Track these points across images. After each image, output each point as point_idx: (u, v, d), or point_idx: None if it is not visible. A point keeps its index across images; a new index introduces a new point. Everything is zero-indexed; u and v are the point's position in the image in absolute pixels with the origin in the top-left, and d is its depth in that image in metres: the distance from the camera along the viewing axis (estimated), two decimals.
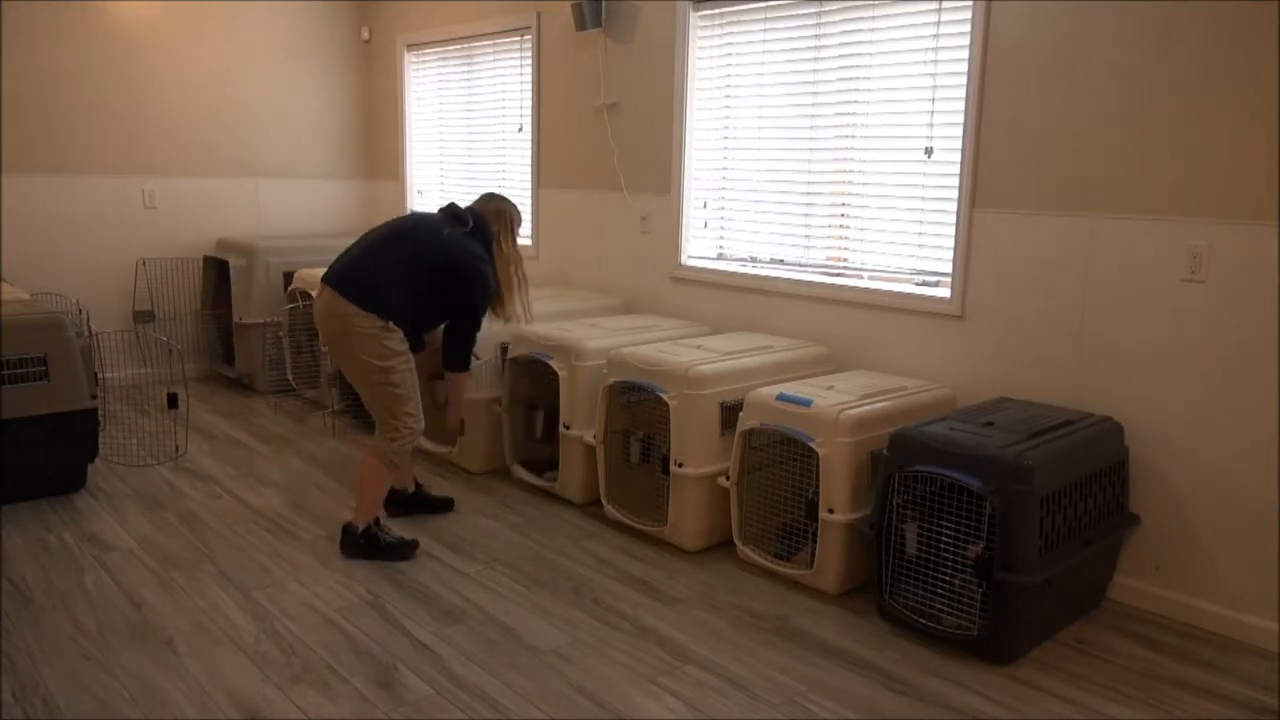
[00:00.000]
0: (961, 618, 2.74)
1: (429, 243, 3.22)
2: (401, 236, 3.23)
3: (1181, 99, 2.87)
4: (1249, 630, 2.88)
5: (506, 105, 5.44)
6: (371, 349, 3.11)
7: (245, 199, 6.07)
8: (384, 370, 3.13)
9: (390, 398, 3.18)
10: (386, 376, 3.14)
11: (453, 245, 3.22)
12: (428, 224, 3.28)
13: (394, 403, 3.19)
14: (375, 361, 3.12)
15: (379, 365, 3.13)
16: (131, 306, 5.71)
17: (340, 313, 3.11)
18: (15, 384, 3.60)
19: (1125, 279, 3.04)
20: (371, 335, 3.10)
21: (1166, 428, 3.00)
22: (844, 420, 3.01)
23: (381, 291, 3.11)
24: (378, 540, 3.29)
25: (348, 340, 3.13)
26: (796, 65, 3.92)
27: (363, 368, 3.15)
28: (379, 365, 3.13)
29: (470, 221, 3.33)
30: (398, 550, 3.30)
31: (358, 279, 3.13)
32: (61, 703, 2.40)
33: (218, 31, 5.81)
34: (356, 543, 3.29)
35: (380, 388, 3.17)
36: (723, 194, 4.33)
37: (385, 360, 3.13)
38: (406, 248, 3.20)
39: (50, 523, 3.58)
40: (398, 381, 3.16)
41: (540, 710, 2.42)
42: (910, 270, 3.65)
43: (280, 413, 5.19)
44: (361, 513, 3.29)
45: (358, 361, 3.15)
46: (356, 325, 3.10)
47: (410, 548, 3.32)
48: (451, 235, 3.24)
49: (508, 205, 3.45)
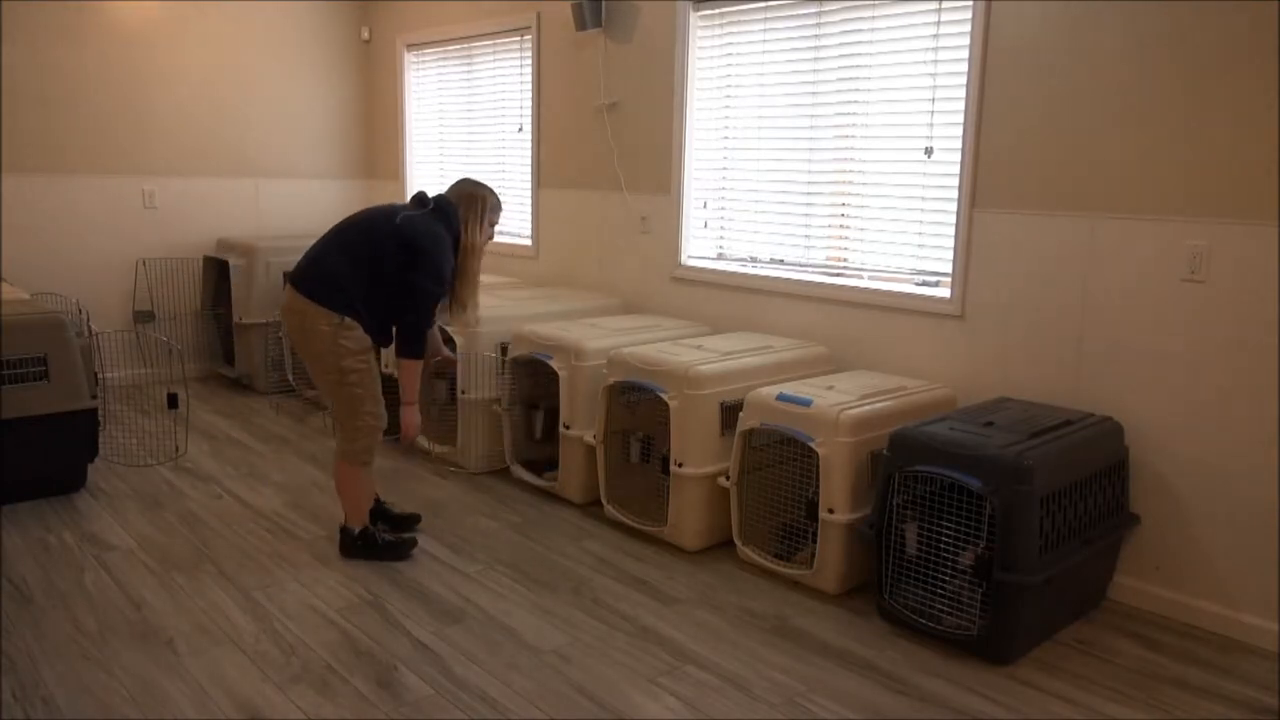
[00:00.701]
0: (961, 618, 2.74)
1: (376, 226, 3.10)
2: (353, 226, 3.14)
3: (1181, 99, 2.87)
4: (1249, 630, 2.88)
5: (506, 105, 5.44)
6: (327, 346, 3.04)
7: (245, 199, 6.07)
8: (340, 370, 3.06)
9: (349, 397, 3.11)
10: (343, 376, 3.07)
11: (402, 226, 3.08)
12: (381, 210, 3.16)
13: (352, 402, 3.12)
14: (330, 360, 3.06)
15: (335, 364, 3.06)
16: (131, 306, 5.71)
17: (298, 309, 3.05)
18: (15, 384, 3.59)
19: (1125, 279, 3.04)
20: (327, 332, 3.02)
21: (1166, 428, 3.00)
22: (844, 420, 3.01)
23: (333, 285, 3.03)
24: (374, 540, 3.29)
25: (305, 337, 3.07)
26: (796, 65, 3.92)
27: (320, 366, 3.09)
28: (335, 364, 3.06)
29: (431, 204, 3.18)
30: (395, 550, 3.29)
31: (310, 274, 3.06)
32: (61, 703, 2.40)
33: (218, 31, 5.81)
34: (354, 544, 3.29)
35: (338, 387, 3.10)
36: (723, 194, 4.33)
37: (341, 359, 3.05)
38: (356, 236, 3.10)
39: (50, 523, 3.58)
40: (354, 381, 3.09)
41: (540, 710, 2.42)
42: (910, 270, 3.65)
43: (281, 413, 5.19)
44: (352, 515, 3.29)
45: (313, 360, 3.10)
46: (312, 322, 3.03)
47: (407, 547, 3.32)
48: (405, 218, 3.10)
49: (482, 190, 3.26)
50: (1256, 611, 2.87)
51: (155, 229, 5.74)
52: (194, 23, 5.71)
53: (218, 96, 5.87)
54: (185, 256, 5.87)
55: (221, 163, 5.95)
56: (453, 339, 4.00)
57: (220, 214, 5.98)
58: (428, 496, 3.94)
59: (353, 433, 3.17)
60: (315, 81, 6.26)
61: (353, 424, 3.16)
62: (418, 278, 3.07)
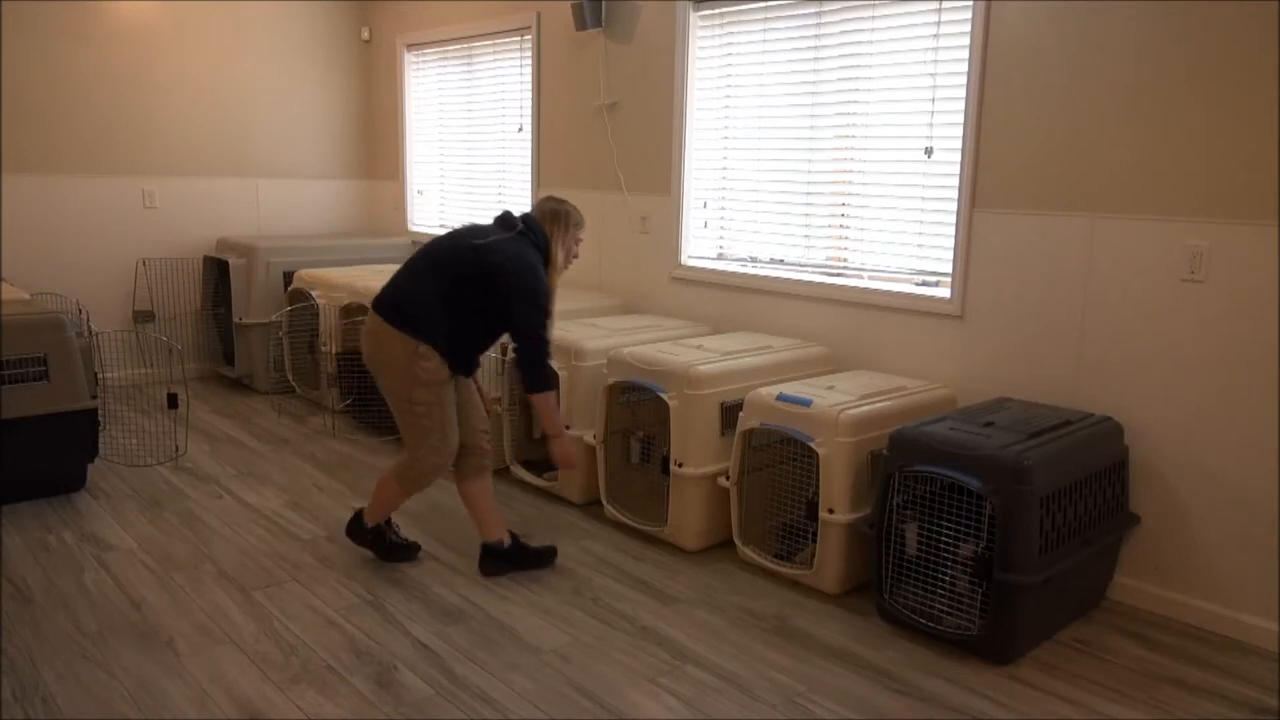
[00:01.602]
0: (961, 618, 2.74)
1: (459, 251, 2.97)
2: (436, 249, 3.02)
3: (1182, 99, 2.87)
4: (1249, 630, 2.88)
5: (506, 105, 5.44)
6: (400, 373, 2.94)
7: (245, 199, 6.07)
8: (410, 400, 2.96)
9: (415, 428, 3.00)
10: (411, 405, 2.96)
11: (484, 251, 2.94)
12: (471, 234, 3.02)
13: (417, 434, 3.00)
14: (402, 387, 2.96)
15: (406, 395, 2.96)
16: (131, 306, 5.71)
17: (374, 333, 2.97)
18: (15, 384, 3.59)
19: (1125, 279, 3.04)
20: (400, 358, 2.92)
21: (1166, 428, 3.00)
22: (844, 420, 3.01)
23: (412, 311, 2.92)
24: (384, 538, 3.26)
25: (379, 363, 2.98)
26: (796, 65, 3.92)
27: (392, 392, 3.00)
28: (406, 395, 2.96)
29: (518, 225, 3.06)
30: (400, 552, 3.28)
31: (395, 298, 2.97)
32: (61, 703, 2.40)
33: (217, 31, 5.81)
34: (364, 535, 3.26)
35: (406, 415, 3.00)
36: (723, 194, 4.33)
37: (412, 387, 2.94)
38: (445, 261, 2.97)
39: (50, 523, 3.58)
40: (423, 413, 2.96)
41: (540, 710, 2.42)
42: (910, 270, 3.65)
43: (282, 414, 5.19)
44: (373, 512, 3.23)
45: (387, 389, 3.02)
46: (387, 347, 2.94)
47: (412, 550, 3.31)
48: (487, 242, 2.96)
49: (565, 206, 3.15)
50: (1256, 611, 2.87)
51: (155, 229, 5.74)
52: (194, 23, 5.71)
53: (218, 97, 5.87)
54: (185, 256, 5.87)
55: (221, 163, 5.95)
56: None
57: (220, 214, 5.98)
58: (428, 496, 3.94)
59: (413, 461, 3.06)
60: (315, 82, 6.26)
61: (415, 454, 3.05)
62: (520, 308, 2.93)
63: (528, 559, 3.25)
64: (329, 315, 4.91)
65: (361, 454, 4.50)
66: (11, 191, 5.25)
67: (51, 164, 5.35)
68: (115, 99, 5.50)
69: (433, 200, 6.18)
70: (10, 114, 5.19)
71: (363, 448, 4.60)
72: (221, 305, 5.67)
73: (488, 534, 3.19)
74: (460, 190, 5.92)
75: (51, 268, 5.42)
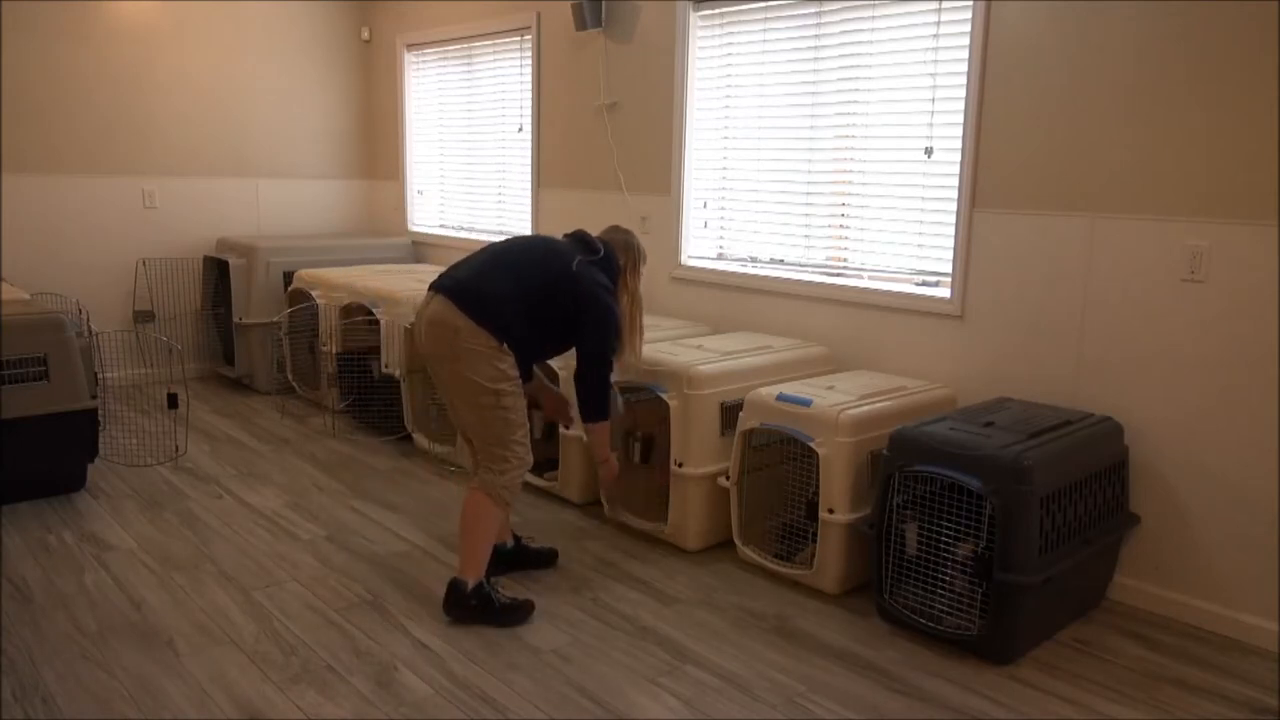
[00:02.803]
0: (961, 618, 2.74)
1: (557, 268, 2.91)
2: (529, 257, 2.93)
3: (1182, 99, 2.87)
4: (1249, 630, 2.88)
5: (506, 105, 5.44)
6: (482, 369, 2.79)
7: (245, 199, 6.07)
8: (496, 393, 2.80)
9: (501, 423, 2.83)
10: (498, 399, 2.81)
11: (582, 275, 2.91)
12: (558, 249, 2.98)
13: (504, 429, 2.84)
14: (486, 383, 2.79)
15: (490, 388, 2.80)
16: (131, 306, 5.71)
17: (451, 324, 2.79)
18: (15, 384, 3.59)
19: (1125, 279, 3.04)
20: (483, 353, 2.78)
21: (1166, 428, 3.00)
22: (844, 420, 3.01)
23: (500, 310, 2.81)
24: (491, 601, 2.87)
25: (454, 356, 2.80)
26: (796, 65, 3.92)
27: (470, 389, 2.81)
28: (490, 388, 2.80)
29: (601, 250, 3.04)
30: (515, 614, 2.89)
31: (477, 291, 2.82)
32: (61, 703, 2.40)
33: (218, 32, 5.81)
34: (466, 603, 2.85)
35: (490, 411, 2.82)
36: (723, 194, 4.33)
37: (497, 383, 2.80)
38: (533, 271, 2.89)
39: (50, 523, 3.58)
40: (509, 405, 2.82)
41: (540, 710, 2.42)
42: (910, 270, 3.65)
43: (284, 413, 5.19)
44: (470, 564, 2.87)
45: (463, 381, 2.81)
46: (467, 340, 2.78)
47: (527, 611, 2.92)
48: (583, 267, 2.93)
49: (635, 239, 3.16)
50: (1256, 611, 2.87)
51: (155, 229, 5.74)
52: (194, 23, 5.71)
53: (218, 97, 5.87)
54: (185, 256, 5.87)
55: (221, 163, 5.95)
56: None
57: (220, 214, 5.98)
58: (428, 496, 3.94)
59: (501, 463, 2.85)
60: (315, 82, 6.26)
61: (502, 453, 2.85)
62: (598, 332, 2.93)
63: (527, 560, 3.24)
64: (329, 315, 4.91)
65: (361, 454, 4.50)
66: (11, 191, 5.25)
67: (51, 164, 5.35)
68: (115, 99, 5.50)
69: (433, 200, 6.18)
70: (10, 114, 5.19)
71: (363, 448, 4.60)
72: (221, 305, 5.67)
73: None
74: (460, 190, 5.92)
75: (51, 268, 5.42)
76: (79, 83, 5.37)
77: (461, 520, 2.88)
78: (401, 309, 4.47)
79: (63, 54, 5.30)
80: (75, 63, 5.34)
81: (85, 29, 5.35)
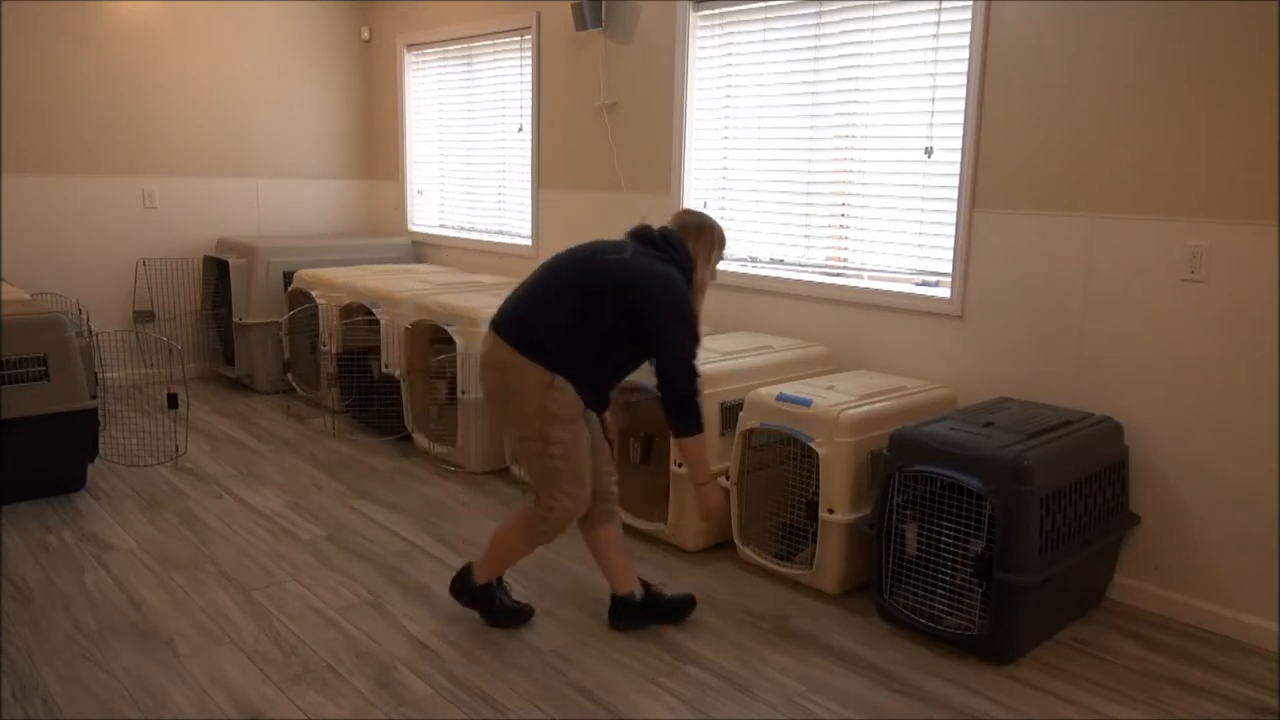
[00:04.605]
0: (961, 618, 2.74)
1: (591, 266, 2.58)
2: (567, 264, 2.63)
3: (1182, 99, 2.87)
4: (1249, 630, 2.88)
5: (506, 105, 5.44)
6: (530, 407, 2.55)
7: (245, 199, 6.07)
8: (542, 439, 2.57)
9: (547, 470, 2.60)
10: (545, 445, 2.57)
11: (622, 266, 2.56)
12: (597, 246, 2.66)
13: (550, 477, 2.61)
14: (535, 425, 2.56)
15: (539, 430, 2.56)
16: (131, 306, 5.71)
17: (501, 362, 2.57)
18: (15, 384, 3.59)
19: (1125, 279, 3.04)
20: (531, 389, 2.54)
21: (1166, 428, 3.00)
22: (844, 420, 3.01)
23: (547, 337, 2.53)
24: (493, 598, 2.85)
25: (508, 395, 2.59)
26: (796, 65, 3.92)
27: (521, 430, 2.61)
28: (539, 430, 2.56)
29: (659, 239, 2.69)
30: (513, 616, 2.86)
31: (518, 319, 2.57)
32: (61, 703, 2.40)
33: (218, 32, 5.81)
34: (472, 596, 2.85)
35: (537, 457, 2.60)
36: (723, 194, 4.33)
37: (545, 424, 2.55)
38: (569, 278, 2.59)
39: (50, 523, 3.58)
40: (557, 453, 2.57)
41: (540, 710, 2.42)
42: (910, 270, 3.65)
43: (288, 414, 5.19)
44: (486, 568, 2.82)
45: (512, 422, 2.63)
46: (515, 376, 2.55)
47: (525, 615, 2.88)
48: (625, 261, 2.57)
49: (709, 220, 2.80)
50: (1256, 611, 2.87)
51: (155, 229, 5.74)
52: (194, 23, 5.71)
53: (218, 96, 5.87)
54: (185, 256, 5.87)
55: (221, 163, 5.95)
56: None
57: (220, 214, 5.98)
58: (428, 496, 3.94)
59: (545, 510, 2.66)
60: (315, 82, 6.26)
61: (547, 501, 2.65)
62: (668, 329, 2.56)
63: (662, 610, 2.89)
64: (329, 315, 4.92)
65: (361, 454, 4.50)
66: (11, 191, 5.25)
67: (51, 164, 5.35)
68: (115, 99, 5.50)
69: (433, 200, 6.18)
70: (10, 114, 5.19)
71: (363, 448, 4.60)
72: (221, 305, 5.67)
73: (619, 586, 2.84)
74: (460, 190, 5.92)
75: (51, 268, 5.42)
76: (79, 83, 5.37)
77: (499, 529, 2.78)
78: (401, 309, 4.47)
79: (63, 54, 5.30)
80: (75, 63, 5.34)
81: (85, 29, 5.35)
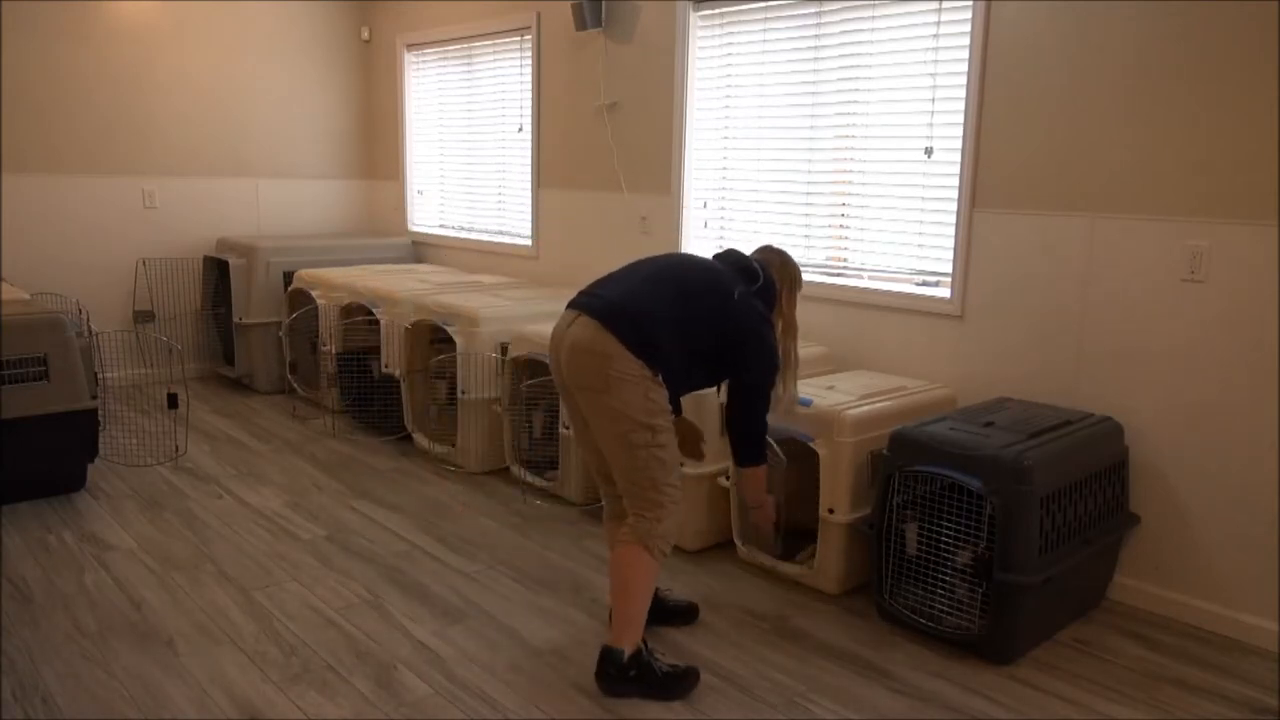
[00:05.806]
0: (961, 618, 2.74)
1: (718, 301, 2.57)
2: (690, 279, 2.59)
3: (1182, 99, 2.87)
4: (1249, 630, 2.88)
5: (506, 105, 5.44)
6: (636, 401, 2.45)
7: (245, 199, 6.07)
8: (651, 429, 2.46)
9: (654, 463, 2.48)
10: (654, 436, 2.47)
11: (743, 309, 2.58)
12: (720, 276, 2.63)
13: (658, 470, 2.49)
14: (641, 418, 2.45)
15: (646, 422, 2.46)
16: (131, 306, 5.71)
17: (602, 350, 2.45)
18: (15, 384, 3.59)
19: (1125, 279, 3.04)
20: (637, 382, 2.45)
21: (1166, 428, 3.00)
22: (844, 420, 3.01)
23: (655, 334, 2.48)
24: (653, 671, 2.51)
25: (604, 385, 2.45)
26: (796, 65, 3.92)
27: (622, 424, 2.46)
28: (646, 422, 2.46)
29: (760, 277, 2.70)
30: (679, 683, 2.53)
31: (632, 316, 2.48)
32: (61, 703, 2.40)
33: (218, 32, 5.81)
34: (624, 674, 2.50)
35: (644, 450, 2.47)
36: (723, 194, 4.33)
37: (653, 416, 2.46)
38: (695, 297, 2.56)
39: (50, 523, 3.58)
40: (665, 441, 2.49)
41: (540, 710, 2.42)
42: (910, 270, 3.65)
43: (284, 413, 5.19)
44: (626, 630, 2.51)
45: (614, 415, 2.46)
46: (620, 368, 2.44)
47: (694, 680, 2.56)
48: (744, 298, 2.60)
49: (790, 259, 2.84)
50: (1256, 611, 2.87)
51: (155, 229, 5.74)
52: (194, 23, 5.71)
53: (218, 96, 5.87)
54: (185, 256, 5.87)
55: (221, 163, 5.95)
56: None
57: (220, 214, 5.98)
58: (428, 496, 3.94)
59: (656, 509, 2.49)
60: (315, 82, 6.26)
61: (656, 497, 2.50)
62: (762, 370, 2.61)
63: (666, 615, 2.89)
64: (329, 315, 4.91)
65: (361, 454, 4.50)
66: (11, 191, 5.25)
67: (51, 164, 5.35)
68: (115, 99, 5.50)
69: (433, 200, 6.18)
70: (10, 114, 5.19)
71: (363, 448, 4.60)
72: (221, 305, 5.67)
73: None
74: (460, 190, 5.92)
75: (51, 268, 5.42)
76: (79, 83, 5.37)
77: (613, 577, 2.53)
78: (401, 309, 4.47)
79: (63, 54, 5.30)
80: (75, 63, 5.34)
81: (85, 29, 5.34)
